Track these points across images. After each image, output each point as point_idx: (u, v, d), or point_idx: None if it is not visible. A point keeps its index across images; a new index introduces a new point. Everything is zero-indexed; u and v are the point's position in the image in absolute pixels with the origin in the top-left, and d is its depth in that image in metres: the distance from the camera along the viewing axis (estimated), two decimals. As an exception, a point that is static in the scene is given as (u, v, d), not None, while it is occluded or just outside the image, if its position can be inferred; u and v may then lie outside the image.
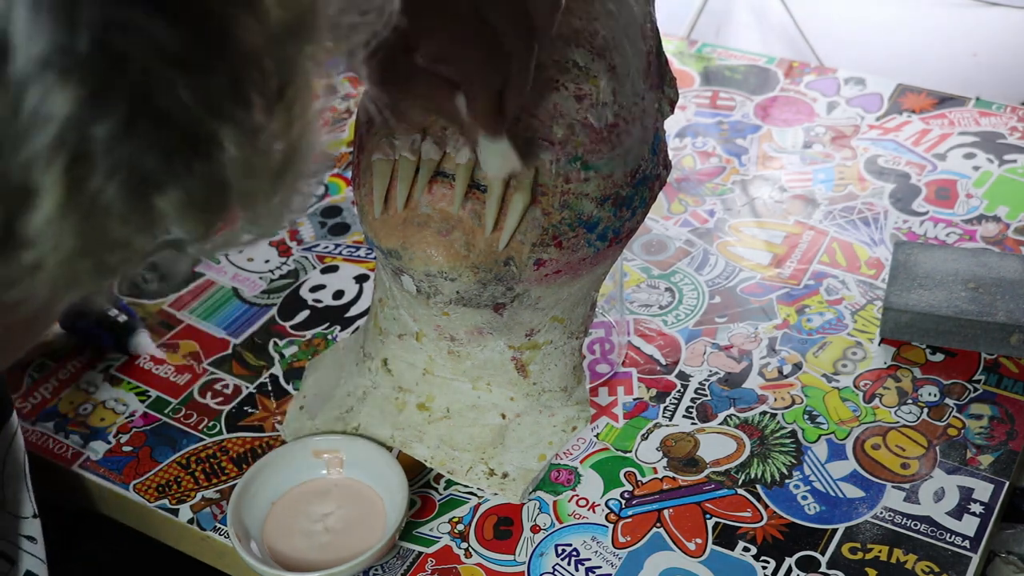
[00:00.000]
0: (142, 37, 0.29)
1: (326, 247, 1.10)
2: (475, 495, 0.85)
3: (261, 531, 0.82)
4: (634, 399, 0.92)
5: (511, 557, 0.81)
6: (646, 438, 0.89)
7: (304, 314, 1.02)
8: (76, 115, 0.29)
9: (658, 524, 0.82)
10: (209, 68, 0.31)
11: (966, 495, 0.83)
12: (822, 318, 0.98)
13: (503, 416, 0.86)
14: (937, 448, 0.86)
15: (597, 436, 0.89)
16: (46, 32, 0.28)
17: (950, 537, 0.80)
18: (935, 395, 0.90)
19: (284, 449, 0.86)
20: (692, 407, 0.91)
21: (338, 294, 1.04)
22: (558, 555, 0.81)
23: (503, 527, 0.83)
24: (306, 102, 0.34)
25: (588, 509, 0.84)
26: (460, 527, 0.83)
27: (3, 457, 0.79)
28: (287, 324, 1.01)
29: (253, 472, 0.83)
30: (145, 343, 0.99)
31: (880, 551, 0.79)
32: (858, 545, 0.80)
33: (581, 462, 0.87)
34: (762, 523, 0.82)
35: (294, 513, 0.83)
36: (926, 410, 0.89)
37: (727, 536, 0.81)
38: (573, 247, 0.75)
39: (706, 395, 0.92)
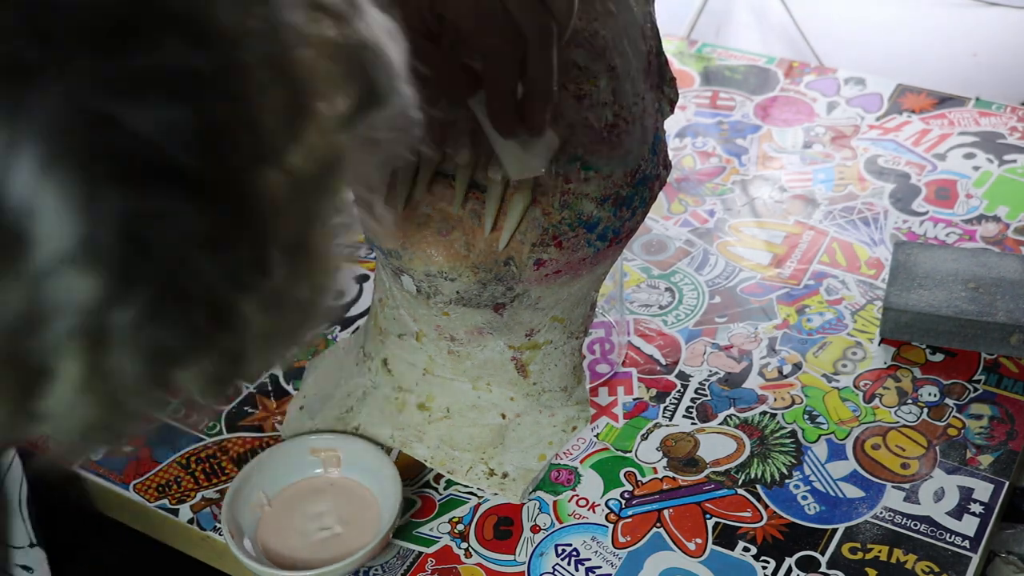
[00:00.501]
0: (170, 223, 0.28)
1: (326, 247, 1.09)
2: (475, 495, 0.85)
3: (256, 529, 0.82)
4: (634, 399, 0.92)
5: (511, 557, 0.81)
6: (646, 438, 0.89)
7: (304, 314, 1.02)
8: (96, 304, 0.28)
9: (658, 524, 0.82)
10: (234, 242, 0.30)
11: (966, 495, 0.83)
12: (822, 318, 0.98)
13: (503, 416, 0.86)
14: (937, 448, 0.86)
15: (597, 436, 0.89)
16: (69, 226, 0.27)
17: (950, 537, 0.80)
18: (935, 395, 0.90)
19: (281, 447, 0.86)
20: (692, 407, 0.91)
21: (338, 294, 1.04)
22: (558, 555, 0.81)
23: (503, 527, 0.83)
24: (326, 250, 0.33)
25: (588, 509, 0.84)
26: (460, 527, 0.83)
27: None
28: (287, 324, 1.01)
29: (249, 469, 0.83)
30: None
31: (880, 551, 0.79)
32: (858, 545, 0.80)
33: (581, 462, 0.87)
34: (762, 523, 0.82)
35: (289, 511, 0.83)
36: (926, 410, 0.89)
37: (727, 536, 0.81)
38: (573, 247, 0.75)
39: (706, 395, 0.92)
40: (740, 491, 0.84)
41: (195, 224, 0.28)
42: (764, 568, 0.79)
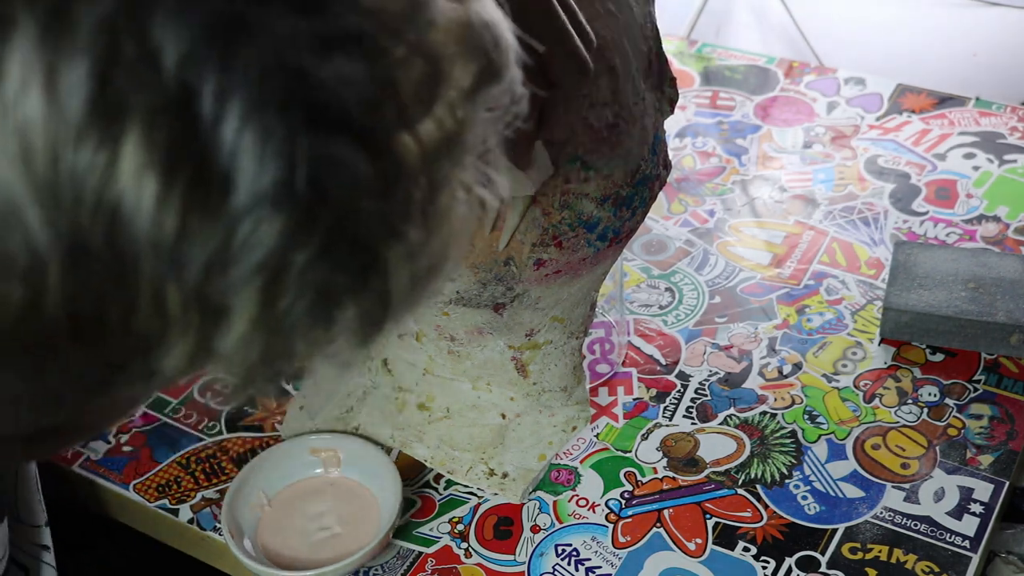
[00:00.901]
0: (345, 170, 0.31)
1: (326, 247, 1.09)
2: (475, 495, 0.85)
3: (255, 529, 0.82)
4: (634, 399, 0.92)
5: (511, 557, 0.81)
6: (646, 438, 0.89)
7: (304, 314, 1.02)
8: (281, 244, 0.30)
9: (658, 524, 0.82)
10: (389, 192, 0.32)
11: (966, 495, 0.83)
12: (822, 318, 0.98)
13: (503, 416, 0.86)
14: (937, 448, 0.86)
15: (597, 436, 0.89)
16: (267, 169, 0.29)
17: (950, 537, 0.80)
18: (935, 395, 0.90)
19: (281, 447, 0.86)
20: (692, 407, 0.91)
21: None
22: (558, 555, 0.81)
23: (503, 527, 0.83)
24: (450, 215, 0.35)
25: (588, 509, 0.84)
26: (460, 527, 0.83)
27: (16, 468, 0.79)
28: (287, 324, 1.01)
29: (249, 469, 0.83)
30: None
31: (880, 551, 0.79)
32: (858, 545, 0.80)
33: (581, 462, 0.87)
34: (762, 523, 0.82)
35: (289, 511, 0.83)
36: (926, 410, 0.89)
37: (727, 536, 0.81)
38: (573, 247, 0.75)
39: (706, 395, 0.92)
40: (740, 491, 0.84)
41: (363, 172, 0.31)
42: (764, 568, 0.79)
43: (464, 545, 0.82)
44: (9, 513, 0.75)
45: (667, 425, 0.90)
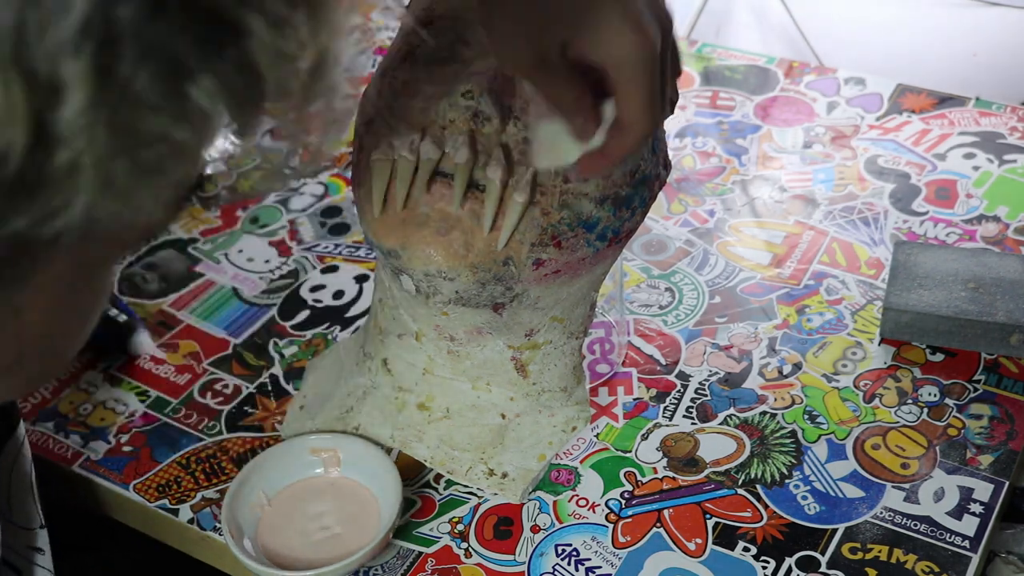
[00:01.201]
0: None
1: (326, 247, 1.10)
2: (475, 495, 0.85)
3: (256, 529, 0.82)
4: (634, 399, 0.92)
5: (511, 557, 0.81)
6: (646, 438, 0.89)
7: (304, 314, 1.02)
8: None
9: (658, 524, 0.82)
10: None
11: (966, 495, 0.83)
12: (822, 318, 0.98)
13: (503, 416, 0.86)
14: (937, 448, 0.86)
15: (597, 436, 0.89)
16: None
17: (950, 537, 0.80)
18: (935, 395, 0.90)
19: (281, 447, 0.86)
20: (692, 407, 0.91)
21: (338, 294, 1.04)
22: (558, 555, 0.81)
23: (503, 527, 0.83)
24: (333, 9, 0.33)
25: (588, 509, 0.84)
26: (460, 527, 0.83)
27: (10, 469, 0.78)
28: (287, 324, 1.01)
29: (249, 469, 0.83)
30: (145, 343, 0.99)
31: (880, 551, 0.79)
32: (858, 545, 0.80)
33: (581, 462, 0.87)
34: (762, 523, 0.82)
35: (289, 511, 0.83)
36: (926, 410, 0.89)
37: (727, 536, 0.81)
38: (572, 247, 0.75)
39: (706, 395, 0.92)
40: (740, 491, 0.84)
41: None
42: (764, 568, 0.79)
43: (464, 545, 0.82)
44: (0, 515, 0.75)
45: (667, 425, 0.90)
